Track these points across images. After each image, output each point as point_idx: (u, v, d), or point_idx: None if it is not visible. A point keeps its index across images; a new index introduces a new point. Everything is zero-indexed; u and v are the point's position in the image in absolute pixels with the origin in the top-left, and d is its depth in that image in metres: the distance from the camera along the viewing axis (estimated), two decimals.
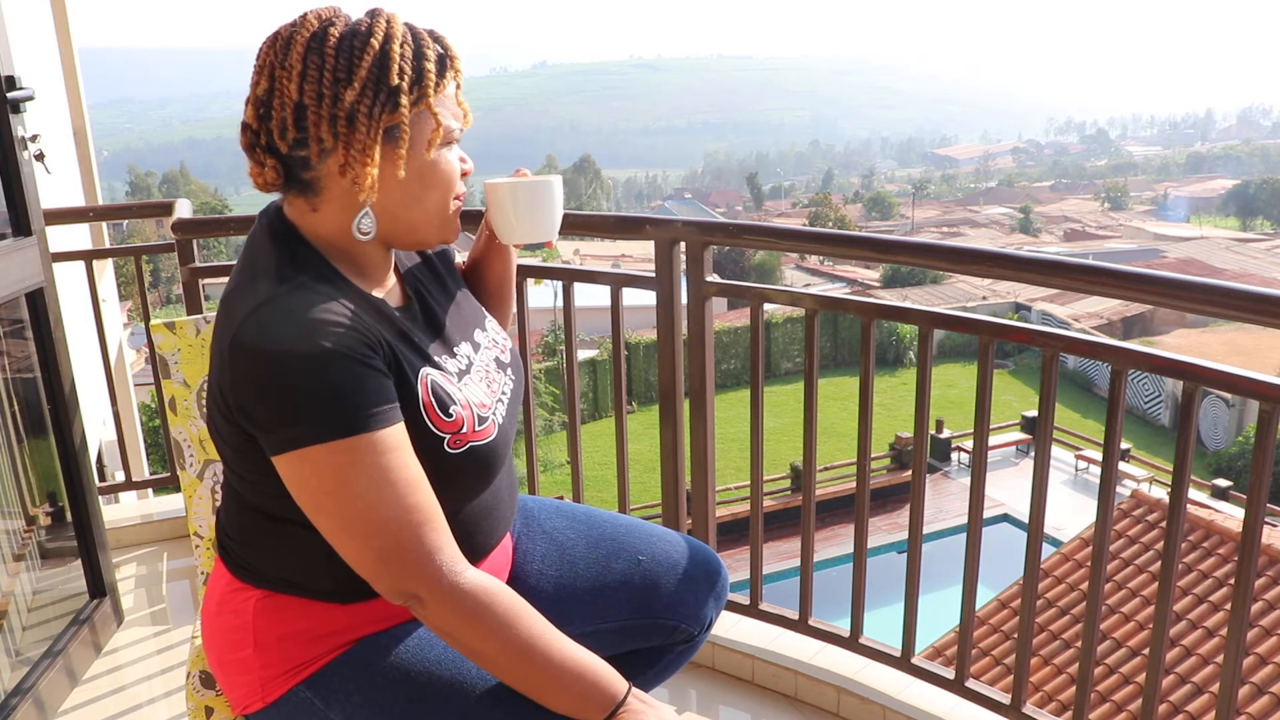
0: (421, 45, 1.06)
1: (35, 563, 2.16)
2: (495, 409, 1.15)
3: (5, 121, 1.93)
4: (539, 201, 1.24)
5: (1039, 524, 1.77)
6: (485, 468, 1.12)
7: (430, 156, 1.07)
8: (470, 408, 1.10)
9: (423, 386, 1.07)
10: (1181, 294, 1.53)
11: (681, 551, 1.39)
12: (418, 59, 1.05)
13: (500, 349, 1.25)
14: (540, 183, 1.23)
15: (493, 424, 1.13)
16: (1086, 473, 16.93)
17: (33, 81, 2.04)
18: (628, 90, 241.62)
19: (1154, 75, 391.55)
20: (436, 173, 1.09)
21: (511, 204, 1.24)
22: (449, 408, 1.08)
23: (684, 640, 1.39)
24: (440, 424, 1.07)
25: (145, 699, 2.10)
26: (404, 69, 1.04)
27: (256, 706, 1.14)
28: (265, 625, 1.12)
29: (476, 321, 1.26)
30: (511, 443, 1.19)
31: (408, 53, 1.04)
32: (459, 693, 1.09)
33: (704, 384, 2.11)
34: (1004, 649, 7.40)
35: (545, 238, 1.27)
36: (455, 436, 1.08)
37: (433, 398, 1.07)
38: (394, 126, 1.04)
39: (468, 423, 1.09)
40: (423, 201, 1.09)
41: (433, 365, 1.10)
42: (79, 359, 2.31)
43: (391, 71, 1.03)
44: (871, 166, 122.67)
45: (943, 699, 1.93)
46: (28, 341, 2.11)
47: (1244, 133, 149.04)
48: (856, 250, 2.06)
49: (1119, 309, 26.17)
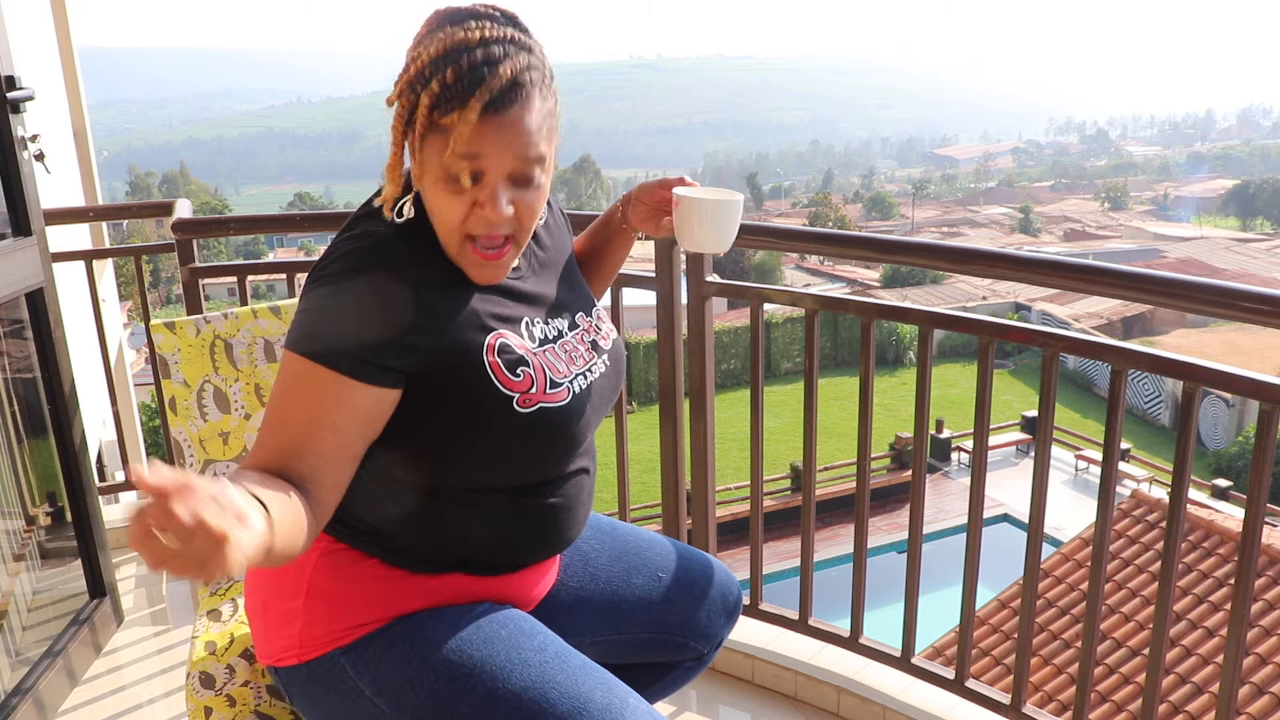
0: (461, 69, 0.99)
1: (35, 563, 2.16)
2: (574, 379, 1.17)
3: (5, 121, 1.93)
4: (730, 218, 1.32)
5: (1039, 524, 1.77)
6: (557, 432, 1.13)
7: (426, 185, 1.05)
8: (544, 371, 1.13)
9: (489, 346, 1.09)
10: (1181, 294, 1.53)
11: (700, 571, 1.43)
12: (452, 83, 1.00)
13: (602, 335, 1.27)
14: (733, 203, 1.31)
15: (566, 390, 1.14)
16: (1086, 473, 16.92)
17: (33, 81, 2.04)
18: (628, 90, 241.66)
19: (1154, 75, 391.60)
20: (434, 202, 1.06)
21: (704, 218, 1.31)
22: (517, 368, 1.10)
23: (694, 657, 1.42)
24: (507, 382, 1.09)
25: (145, 699, 2.10)
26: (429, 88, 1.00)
27: (289, 661, 1.15)
28: (322, 580, 1.14)
29: (583, 306, 1.28)
30: (594, 424, 1.21)
31: (445, 74, 0.99)
32: (488, 676, 1.10)
33: (704, 384, 2.11)
34: (1004, 649, 7.39)
35: (722, 250, 1.36)
36: (524, 396, 1.10)
37: (499, 356, 1.09)
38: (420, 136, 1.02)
39: (538, 384, 1.11)
40: (436, 220, 1.08)
41: (511, 328, 1.13)
42: (79, 359, 2.31)
43: (416, 83, 1.01)
44: (871, 166, 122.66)
45: (943, 699, 1.94)
46: (28, 341, 2.11)
47: (1244, 133, 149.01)
48: (856, 250, 2.06)
49: (1119, 309, 26.17)
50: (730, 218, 1.32)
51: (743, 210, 1.34)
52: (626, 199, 1.41)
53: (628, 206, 1.41)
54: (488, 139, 1.01)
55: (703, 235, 1.32)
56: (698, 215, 1.30)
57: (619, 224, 1.43)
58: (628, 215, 1.41)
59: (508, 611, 1.18)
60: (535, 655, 1.12)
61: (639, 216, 1.40)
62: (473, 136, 1.00)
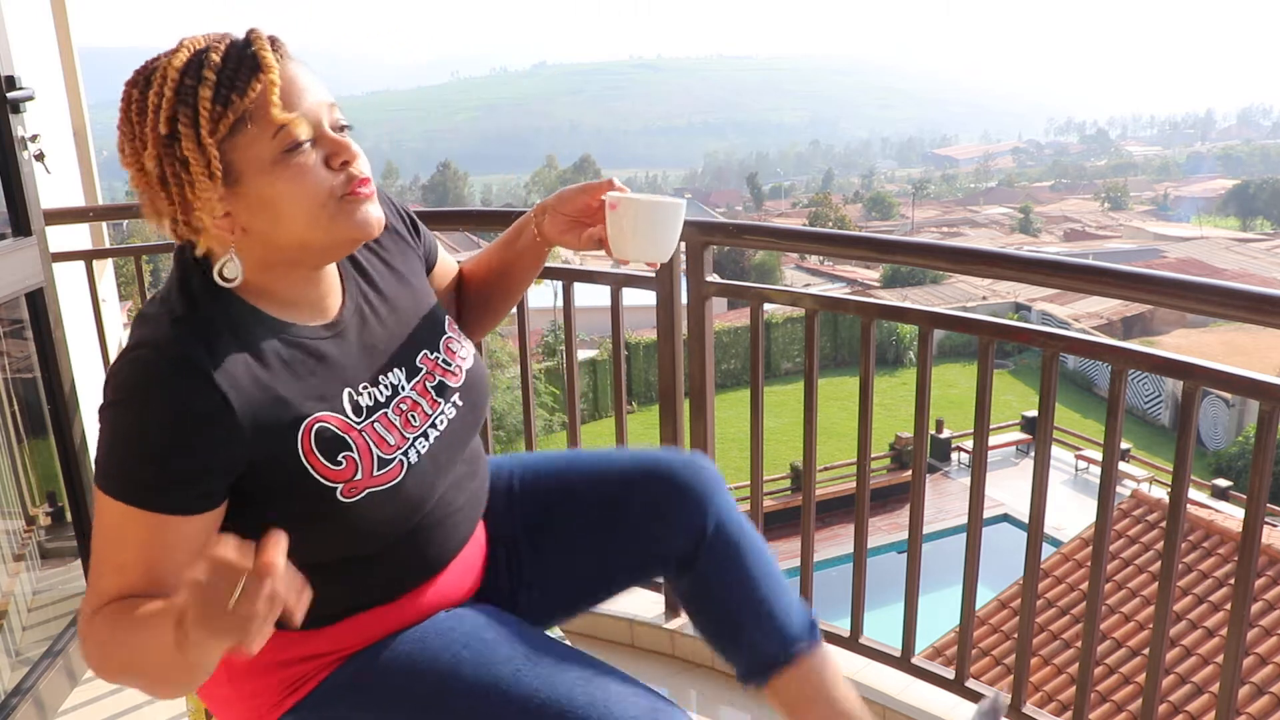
0: (226, 53, 0.96)
1: (35, 563, 2.16)
2: (409, 449, 1.08)
3: (5, 121, 1.93)
4: (672, 221, 1.21)
5: (1039, 524, 1.77)
6: (393, 512, 1.06)
7: (259, 183, 0.97)
8: (370, 450, 1.05)
9: (304, 434, 1.01)
10: (1181, 294, 1.53)
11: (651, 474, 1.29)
12: (225, 67, 0.95)
13: (448, 372, 1.17)
14: (674, 204, 1.21)
15: (399, 465, 1.06)
16: (1086, 473, 16.92)
17: (33, 81, 2.04)
18: (628, 90, 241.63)
19: (1154, 75, 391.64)
20: (281, 187, 0.98)
21: (643, 220, 1.20)
22: (338, 454, 1.03)
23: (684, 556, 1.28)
24: (327, 473, 1.02)
25: (145, 699, 2.09)
26: (202, 85, 0.94)
27: None
28: (235, 659, 1.08)
29: (426, 341, 1.17)
30: (444, 471, 1.13)
31: (210, 67, 0.95)
32: (464, 699, 1.07)
33: (704, 384, 2.11)
34: (1004, 649, 7.39)
35: (663, 258, 1.23)
36: (348, 485, 1.02)
37: (315, 445, 1.01)
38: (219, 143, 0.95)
39: (363, 468, 1.04)
40: (293, 207, 0.99)
41: (330, 408, 1.04)
42: (79, 359, 2.31)
43: (182, 97, 0.94)
44: (871, 166, 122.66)
45: (943, 699, 1.94)
46: (28, 341, 2.11)
47: (1244, 133, 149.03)
48: (856, 250, 2.06)
49: (1119, 309, 26.16)
50: (672, 220, 1.21)
51: (684, 215, 1.23)
52: (541, 209, 1.29)
53: (543, 217, 1.28)
54: (295, 93, 0.98)
55: (640, 242, 1.20)
56: (634, 218, 1.19)
57: (531, 238, 1.30)
58: (543, 228, 1.28)
59: (462, 623, 1.14)
60: (506, 666, 1.08)
61: (557, 228, 1.27)
62: (284, 93, 0.97)
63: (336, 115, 1.02)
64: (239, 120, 0.95)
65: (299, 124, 0.97)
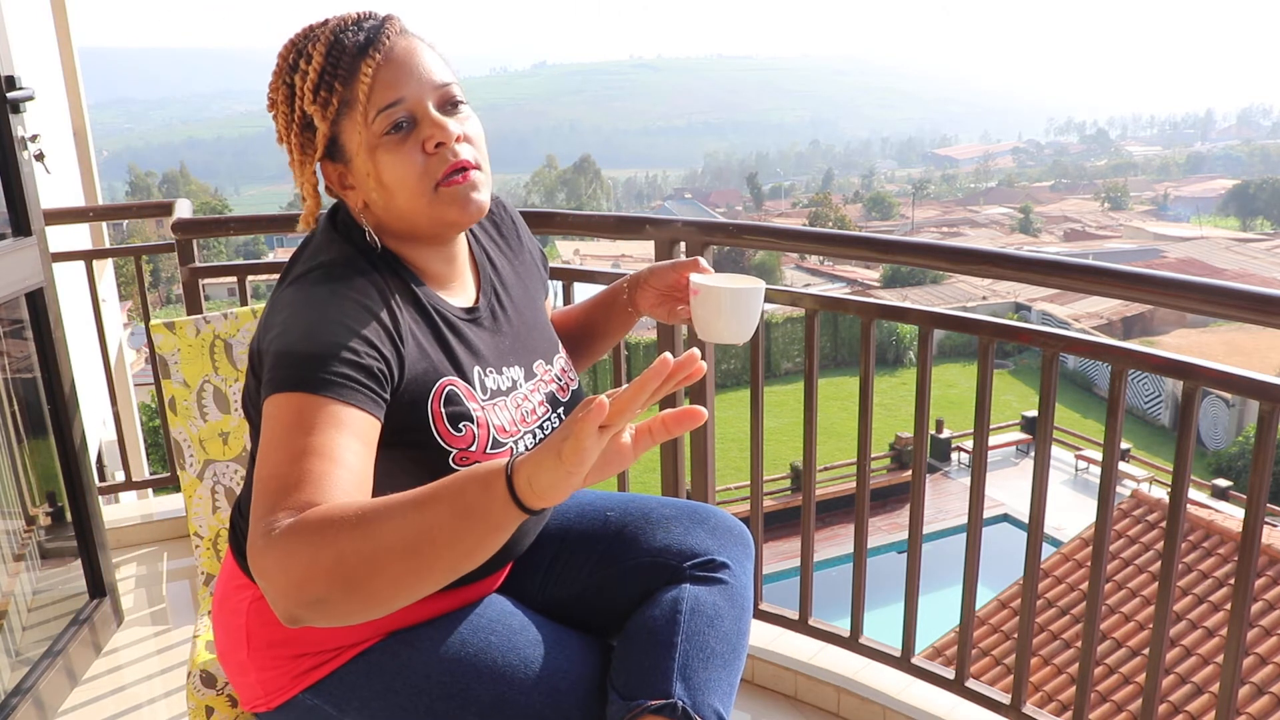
0: (331, 57, 1.03)
1: (35, 563, 2.16)
2: (521, 439, 1.10)
3: (5, 121, 1.93)
4: (753, 308, 1.22)
5: (1039, 524, 1.77)
6: None
7: (369, 164, 1.04)
8: (488, 429, 1.07)
9: (436, 394, 1.04)
10: (1181, 294, 1.53)
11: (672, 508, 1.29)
12: (342, 53, 1.02)
13: (560, 387, 1.20)
14: (755, 290, 1.21)
15: (509, 451, 1.08)
16: (1086, 473, 16.93)
17: (33, 81, 2.04)
18: (628, 90, 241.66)
19: (1154, 75, 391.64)
20: (387, 171, 1.03)
21: (726, 308, 1.21)
22: (460, 422, 1.05)
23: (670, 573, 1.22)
24: (447, 436, 1.04)
25: (145, 699, 2.10)
26: (312, 91, 1.03)
27: (262, 708, 1.13)
28: (257, 629, 1.10)
29: (543, 353, 1.21)
30: None
31: (333, 50, 1.02)
32: (490, 682, 1.07)
33: (704, 384, 2.11)
34: (1004, 649, 7.40)
35: (743, 339, 1.24)
36: (462, 453, 1.04)
37: (444, 406, 1.04)
38: (327, 146, 1.05)
39: (479, 443, 1.05)
40: (399, 190, 1.04)
41: (461, 376, 1.07)
42: (79, 359, 2.31)
43: (301, 99, 1.04)
44: (871, 166, 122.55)
45: (943, 699, 1.94)
46: (28, 341, 2.11)
47: (1244, 133, 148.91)
48: (856, 250, 2.06)
49: (1119, 309, 26.17)
50: (753, 307, 1.22)
51: (763, 297, 1.23)
52: (634, 281, 1.32)
53: (635, 290, 1.31)
54: (401, 76, 1.02)
55: (724, 326, 1.21)
56: (719, 306, 1.21)
57: (623, 306, 1.34)
58: (635, 299, 1.32)
59: (489, 609, 1.14)
60: (534, 649, 1.09)
61: (648, 302, 1.31)
62: (388, 80, 1.02)
63: (451, 93, 1.06)
64: (342, 104, 1.02)
65: (396, 114, 1.02)
